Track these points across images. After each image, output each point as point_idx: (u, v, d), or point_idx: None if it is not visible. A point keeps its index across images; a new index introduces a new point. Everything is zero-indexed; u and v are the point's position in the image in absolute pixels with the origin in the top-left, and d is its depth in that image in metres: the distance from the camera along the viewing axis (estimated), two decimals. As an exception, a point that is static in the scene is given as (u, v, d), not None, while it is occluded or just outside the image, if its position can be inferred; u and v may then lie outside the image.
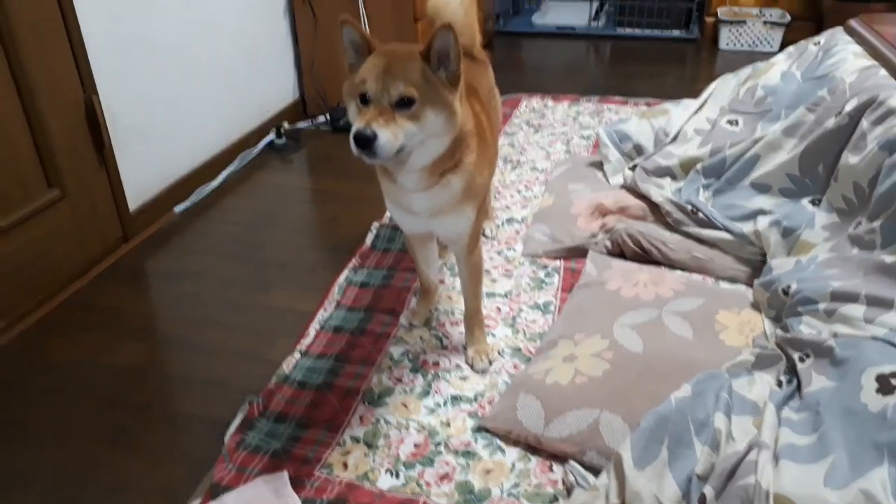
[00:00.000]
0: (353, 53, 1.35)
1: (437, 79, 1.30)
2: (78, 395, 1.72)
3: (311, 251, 2.38)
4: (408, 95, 1.26)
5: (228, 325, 1.96)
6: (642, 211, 2.26)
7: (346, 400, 1.63)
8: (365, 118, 1.25)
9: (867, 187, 1.76)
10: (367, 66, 1.30)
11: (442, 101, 1.30)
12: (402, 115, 1.27)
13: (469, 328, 1.77)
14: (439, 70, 1.30)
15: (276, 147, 3.13)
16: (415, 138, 1.30)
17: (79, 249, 2.19)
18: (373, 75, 1.27)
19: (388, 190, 1.53)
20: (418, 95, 1.27)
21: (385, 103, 1.26)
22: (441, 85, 1.30)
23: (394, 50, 1.33)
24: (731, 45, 4.40)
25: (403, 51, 1.32)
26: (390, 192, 1.53)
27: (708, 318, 1.72)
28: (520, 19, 5.08)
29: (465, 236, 1.59)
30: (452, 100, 1.32)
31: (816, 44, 2.38)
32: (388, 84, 1.26)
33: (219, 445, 1.52)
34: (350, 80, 1.33)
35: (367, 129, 1.23)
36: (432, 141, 1.34)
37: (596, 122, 3.22)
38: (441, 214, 1.51)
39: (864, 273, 1.58)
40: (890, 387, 1.22)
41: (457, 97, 1.33)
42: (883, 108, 1.81)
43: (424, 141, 1.33)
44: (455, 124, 1.35)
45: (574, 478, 1.37)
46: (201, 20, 2.69)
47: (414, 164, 1.37)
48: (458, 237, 1.60)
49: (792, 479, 1.17)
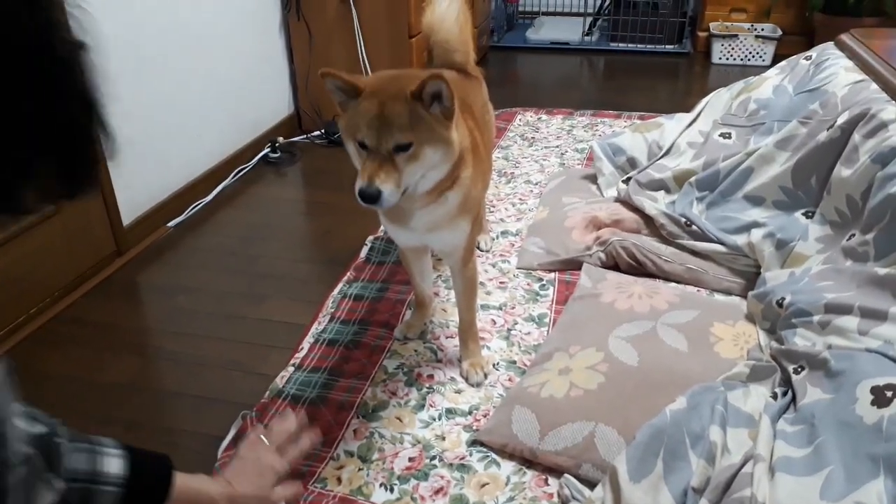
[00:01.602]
0: (340, 94, 1.34)
1: (430, 116, 1.30)
2: (69, 410, 1.70)
3: (305, 264, 2.38)
4: (404, 142, 1.28)
5: (222, 339, 1.95)
6: (636, 224, 2.26)
7: (340, 414, 1.62)
8: (367, 173, 1.27)
9: (860, 200, 1.77)
10: (360, 112, 1.29)
11: (437, 138, 1.32)
12: (401, 159, 1.29)
13: (463, 341, 1.77)
14: (433, 105, 1.30)
15: (270, 161, 3.14)
16: (415, 176, 1.33)
17: (72, 263, 2.19)
18: (368, 123, 1.28)
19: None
20: (414, 138, 1.28)
21: (383, 151, 1.28)
22: (436, 121, 1.31)
23: (384, 88, 1.31)
24: (723, 60, 4.43)
25: (395, 88, 1.30)
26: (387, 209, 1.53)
27: (703, 331, 1.72)
28: (514, 34, 5.11)
29: (461, 249, 1.61)
30: (448, 133, 1.33)
31: (808, 58, 2.40)
32: (383, 133, 1.27)
33: (212, 461, 1.50)
34: (345, 119, 1.33)
35: (371, 187, 1.26)
36: (432, 173, 1.37)
37: (590, 135, 3.24)
38: (437, 229, 1.53)
39: (858, 285, 1.58)
40: (885, 399, 1.22)
41: (452, 127, 1.35)
42: (875, 121, 1.82)
43: (425, 174, 1.35)
44: (453, 154, 1.37)
45: (569, 491, 1.36)
46: (196, 35, 2.70)
47: (415, 193, 1.39)
48: (454, 250, 1.61)
49: (788, 491, 1.16)
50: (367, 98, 1.30)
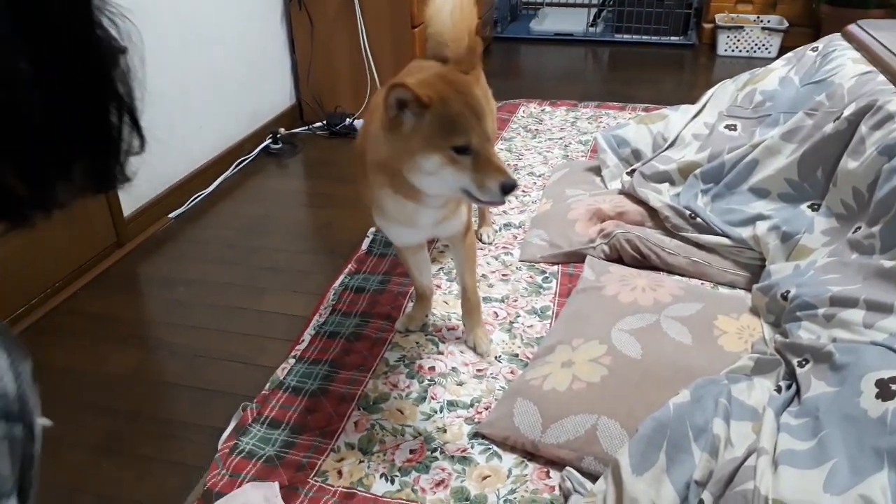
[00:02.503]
0: (395, 109, 1.28)
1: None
2: (69, 402, 1.70)
3: (306, 256, 2.37)
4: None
5: (223, 331, 1.94)
6: (640, 216, 2.25)
7: (341, 406, 1.61)
8: (496, 166, 1.27)
9: (866, 192, 1.75)
10: (452, 117, 1.26)
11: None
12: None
13: (468, 311, 1.79)
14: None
15: (272, 152, 3.12)
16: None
17: (72, 255, 2.18)
18: (472, 126, 1.26)
19: (394, 209, 1.49)
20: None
21: (488, 147, 1.29)
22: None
23: (457, 90, 1.29)
24: (729, 51, 4.39)
25: (465, 89, 1.30)
26: (396, 211, 1.50)
27: (707, 324, 1.71)
28: (518, 25, 5.08)
29: (462, 227, 1.67)
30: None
31: (814, 49, 2.38)
32: (486, 130, 1.29)
33: (211, 453, 1.50)
34: (422, 132, 1.27)
35: (511, 178, 1.27)
36: None
37: (594, 127, 3.21)
38: (444, 221, 1.57)
39: (864, 278, 1.56)
40: (890, 392, 1.21)
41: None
42: (881, 112, 1.80)
43: None
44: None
45: (571, 484, 1.35)
46: (198, 25, 2.68)
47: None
48: (457, 232, 1.67)
49: (791, 484, 1.15)
50: (447, 103, 1.26)
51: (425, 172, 1.30)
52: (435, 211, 1.50)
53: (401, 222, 1.54)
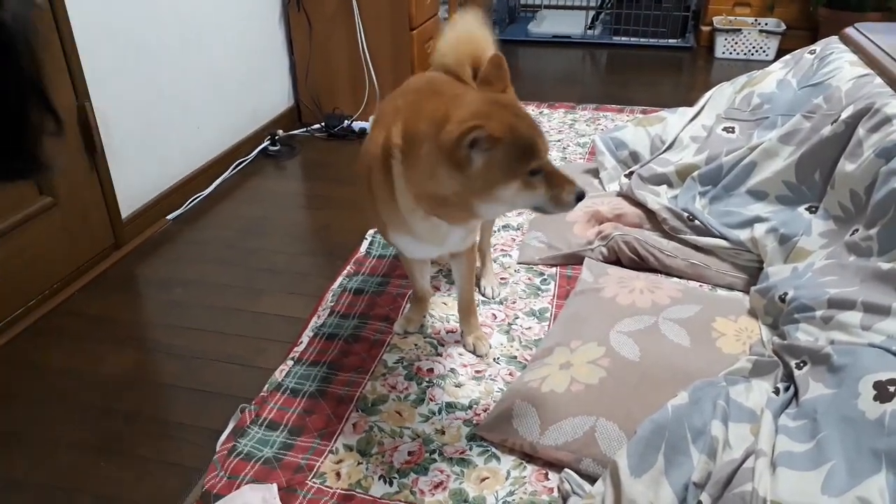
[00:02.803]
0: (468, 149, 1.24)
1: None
2: (67, 403, 1.70)
3: (305, 258, 2.37)
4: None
5: (221, 333, 1.94)
6: (638, 218, 2.25)
7: (339, 407, 1.61)
8: (569, 178, 1.33)
9: (864, 195, 1.76)
10: (522, 141, 1.26)
11: None
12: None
13: (465, 317, 1.80)
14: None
15: (270, 153, 3.12)
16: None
17: (70, 256, 2.18)
18: (541, 146, 1.30)
19: (425, 231, 1.47)
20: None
21: (551, 161, 1.33)
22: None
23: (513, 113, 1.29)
24: (726, 54, 4.40)
25: (519, 111, 1.32)
26: (426, 231, 1.47)
27: (705, 326, 1.71)
28: (516, 27, 5.09)
29: (471, 242, 1.68)
30: None
31: (812, 52, 2.39)
32: (546, 147, 1.32)
33: (210, 454, 1.50)
34: (497, 162, 1.26)
35: (581, 188, 1.33)
36: None
37: (592, 129, 3.22)
38: (466, 238, 1.60)
39: (861, 280, 1.57)
40: (887, 394, 1.21)
41: None
42: (879, 115, 1.81)
43: None
44: None
45: (570, 486, 1.35)
46: (196, 27, 2.68)
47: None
48: (469, 246, 1.68)
49: (789, 486, 1.16)
50: (515, 132, 1.26)
51: (502, 201, 1.31)
52: (464, 230, 1.51)
53: (427, 241, 1.51)
